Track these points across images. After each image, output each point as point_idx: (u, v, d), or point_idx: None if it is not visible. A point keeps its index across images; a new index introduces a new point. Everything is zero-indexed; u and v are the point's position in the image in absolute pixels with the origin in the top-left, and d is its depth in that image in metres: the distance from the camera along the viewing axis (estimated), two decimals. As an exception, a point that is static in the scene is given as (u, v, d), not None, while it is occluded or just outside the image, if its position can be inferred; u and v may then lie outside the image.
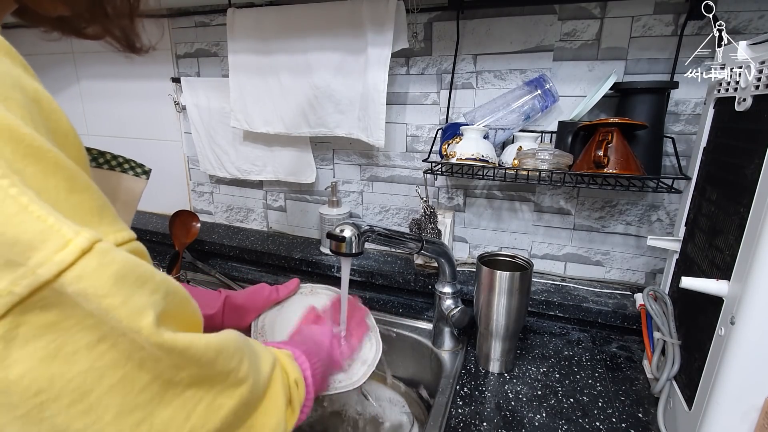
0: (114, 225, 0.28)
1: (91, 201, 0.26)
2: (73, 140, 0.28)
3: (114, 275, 0.24)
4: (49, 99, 0.27)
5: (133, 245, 0.28)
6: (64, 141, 0.27)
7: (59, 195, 0.24)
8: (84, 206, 0.26)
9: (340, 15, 0.91)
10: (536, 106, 0.85)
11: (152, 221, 1.32)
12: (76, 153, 0.28)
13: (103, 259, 0.24)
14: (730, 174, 0.54)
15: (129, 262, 0.26)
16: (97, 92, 1.34)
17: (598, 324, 0.86)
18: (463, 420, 0.64)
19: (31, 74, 0.27)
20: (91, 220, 0.26)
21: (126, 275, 0.25)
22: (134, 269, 0.26)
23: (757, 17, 0.73)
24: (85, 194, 0.26)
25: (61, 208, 0.24)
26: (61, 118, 0.27)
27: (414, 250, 0.75)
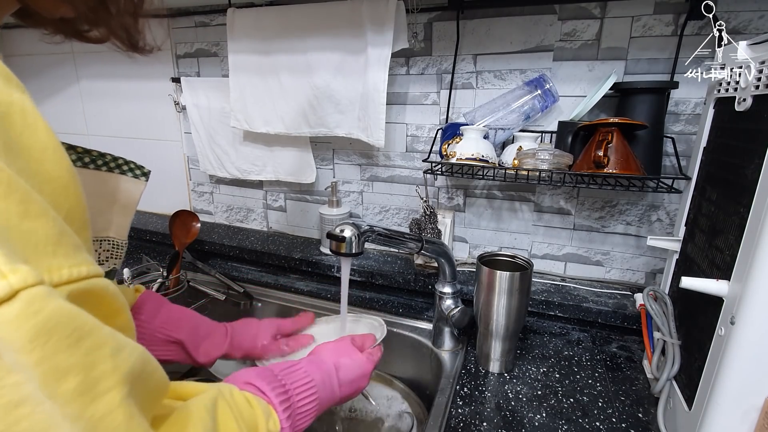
0: (71, 257, 0.24)
1: (47, 228, 0.23)
2: (53, 155, 0.26)
3: (34, 329, 0.21)
4: (25, 112, 0.25)
5: (87, 284, 0.25)
6: (40, 157, 0.25)
7: (10, 220, 0.22)
8: (37, 234, 0.23)
9: (340, 15, 0.91)
10: (536, 106, 0.85)
11: (152, 221, 1.32)
12: (57, 169, 0.26)
13: (27, 308, 0.20)
14: (730, 174, 0.54)
15: (61, 313, 0.22)
16: (97, 92, 1.34)
17: (598, 324, 0.86)
18: (463, 420, 0.64)
19: (14, 85, 0.25)
20: (43, 250, 0.23)
21: (51, 330, 0.21)
22: (67, 323, 0.22)
23: (757, 17, 0.73)
24: (40, 221, 0.23)
25: (10, 236, 0.21)
26: (37, 132, 0.25)
27: (414, 250, 0.75)
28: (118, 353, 0.25)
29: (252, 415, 0.38)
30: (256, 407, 0.39)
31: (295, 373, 0.48)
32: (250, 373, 0.44)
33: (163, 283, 0.98)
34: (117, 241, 0.45)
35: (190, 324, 0.62)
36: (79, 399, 0.22)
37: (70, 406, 0.22)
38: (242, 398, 0.39)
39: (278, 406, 0.42)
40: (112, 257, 0.45)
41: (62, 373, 0.22)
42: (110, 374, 0.24)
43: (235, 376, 0.44)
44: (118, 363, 0.24)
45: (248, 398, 0.40)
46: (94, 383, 0.23)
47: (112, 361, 0.24)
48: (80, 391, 0.22)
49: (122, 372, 0.24)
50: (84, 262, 0.25)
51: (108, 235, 0.45)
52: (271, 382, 0.43)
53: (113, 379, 0.24)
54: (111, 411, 0.23)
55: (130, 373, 0.25)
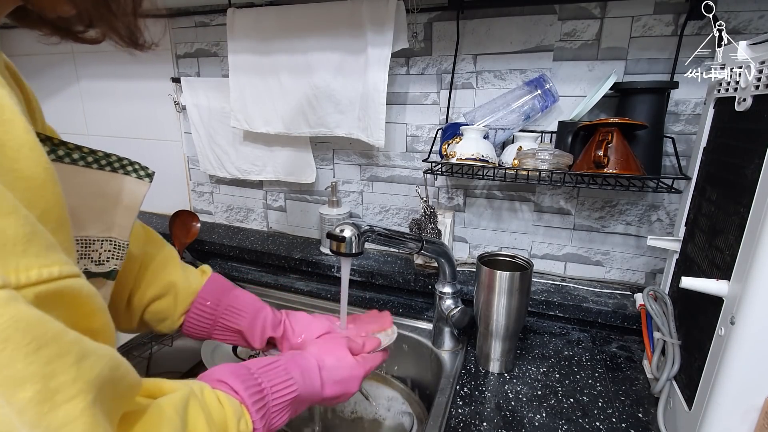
0: (42, 257, 0.24)
1: (18, 227, 0.23)
2: (29, 153, 0.25)
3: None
4: (2, 108, 0.24)
5: (60, 284, 0.24)
6: (15, 155, 0.25)
7: None
8: (6, 233, 0.22)
9: (340, 15, 0.91)
10: (536, 106, 0.85)
11: (152, 221, 1.32)
12: (32, 167, 0.25)
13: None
14: (730, 174, 0.54)
15: (21, 320, 0.21)
16: (97, 92, 1.34)
17: (598, 324, 0.86)
18: (463, 420, 0.64)
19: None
20: (12, 249, 0.22)
21: (7, 338, 0.20)
22: (27, 330, 0.21)
23: (757, 17, 0.73)
24: (9, 219, 0.22)
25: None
26: (13, 129, 0.25)
27: (414, 250, 0.75)
28: (82, 361, 0.24)
29: (222, 415, 0.38)
30: (227, 407, 0.39)
31: (274, 371, 0.47)
32: (225, 370, 0.43)
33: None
34: (119, 242, 0.45)
35: (251, 313, 0.62)
36: (36, 408, 0.21)
37: (27, 414, 0.21)
38: (213, 397, 0.39)
39: (251, 406, 0.41)
40: (114, 257, 0.45)
41: (19, 382, 0.21)
42: (72, 383, 0.23)
43: (209, 373, 0.44)
44: (82, 371, 0.24)
45: (219, 397, 0.39)
46: (53, 392, 0.22)
47: (75, 369, 0.23)
48: (38, 400, 0.21)
49: (86, 380, 0.24)
50: (56, 262, 0.25)
51: (110, 235, 0.44)
52: (245, 380, 0.43)
53: (75, 387, 0.23)
54: (72, 420, 0.23)
55: (95, 380, 0.25)
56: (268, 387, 0.44)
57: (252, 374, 0.44)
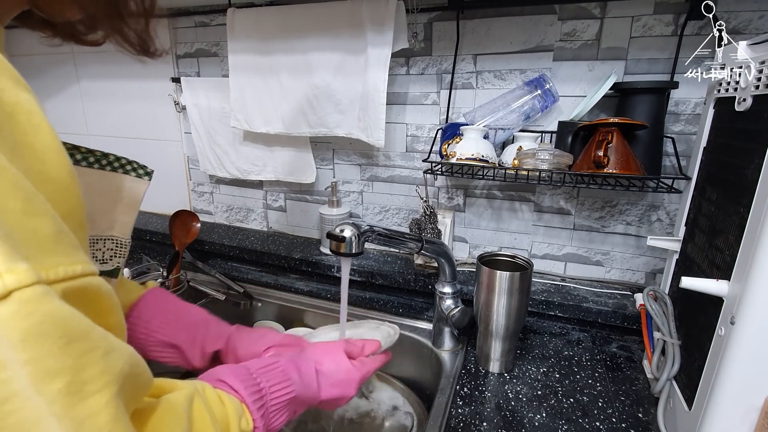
0: (70, 255, 0.25)
1: (49, 226, 0.24)
2: (55, 156, 0.26)
3: (26, 330, 0.21)
4: (30, 113, 0.25)
5: (82, 282, 0.25)
6: (42, 157, 0.26)
7: (15, 218, 0.22)
8: (40, 232, 0.24)
9: (340, 15, 0.91)
10: (536, 106, 0.85)
11: (152, 221, 1.32)
12: (57, 170, 0.27)
13: (21, 309, 0.21)
14: (730, 174, 0.54)
15: (54, 316, 0.22)
16: (97, 92, 1.34)
17: (598, 324, 0.86)
18: (463, 420, 0.64)
19: (22, 86, 0.25)
20: (44, 248, 0.24)
21: (43, 332, 0.22)
22: (60, 325, 0.22)
23: (757, 17, 0.73)
24: (43, 218, 0.24)
25: (14, 233, 0.22)
26: (41, 133, 0.26)
27: (414, 250, 0.75)
28: (108, 355, 0.25)
29: (224, 413, 0.38)
30: (228, 406, 0.39)
31: (272, 372, 0.47)
32: (225, 370, 0.44)
33: (163, 283, 0.98)
34: (120, 240, 0.46)
35: (189, 325, 0.59)
36: (65, 399, 0.22)
37: (56, 405, 0.22)
38: (214, 396, 0.39)
39: (251, 405, 0.42)
40: (116, 256, 0.45)
41: (51, 374, 0.22)
42: (99, 376, 0.24)
43: (210, 373, 0.44)
44: (108, 365, 0.25)
45: (221, 396, 0.40)
46: (82, 385, 0.23)
47: (102, 363, 0.24)
48: (67, 392, 0.22)
49: (112, 374, 0.25)
50: (79, 261, 0.26)
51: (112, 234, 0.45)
52: (245, 380, 0.43)
53: (102, 381, 0.24)
54: (97, 412, 0.24)
55: (119, 374, 0.25)
56: (266, 387, 0.45)
57: (251, 374, 0.45)
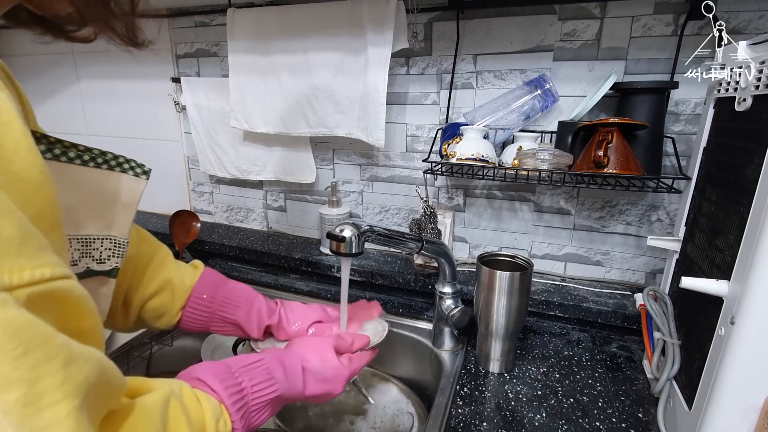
0: (34, 259, 0.24)
1: (11, 228, 0.23)
2: (25, 155, 0.26)
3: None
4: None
5: (51, 285, 0.25)
6: (11, 157, 0.25)
7: None
8: (3, 234, 0.23)
9: (340, 15, 0.91)
10: (536, 106, 0.85)
11: (152, 221, 1.32)
12: (28, 169, 0.26)
13: None
14: (730, 174, 0.54)
15: (9, 325, 0.22)
16: (97, 92, 1.34)
17: (598, 324, 0.86)
18: (463, 420, 0.64)
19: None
20: (6, 250, 0.23)
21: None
22: (14, 335, 0.22)
23: (757, 17, 0.73)
24: (5, 220, 0.23)
25: None
26: (10, 132, 0.25)
27: (414, 250, 0.75)
28: (69, 365, 0.24)
29: (200, 415, 0.38)
30: (205, 407, 0.38)
31: (255, 370, 0.47)
32: (204, 369, 0.43)
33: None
34: (119, 240, 0.45)
35: (246, 304, 0.64)
36: (21, 410, 0.22)
37: (12, 416, 0.21)
38: (191, 397, 0.38)
39: (230, 406, 0.41)
40: (114, 256, 0.45)
41: (5, 384, 0.21)
42: (58, 387, 0.23)
43: (188, 371, 0.43)
44: (69, 375, 0.24)
45: (198, 397, 0.39)
46: (39, 396, 0.22)
47: (61, 373, 0.24)
48: (23, 403, 0.22)
49: (73, 384, 0.24)
50: (48, 264, 0.25)
51: (110, 233, 0.45)
52: (224, 380, 0.42)
53: (61, 391, 0.23)
54: (56, 423, 0.23)
55: (82, 384, 0.25)
56: (248, 386, 0.44)
57: (232, 373, 0.44)
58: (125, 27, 0.36)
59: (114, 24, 0.35)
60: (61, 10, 0.35)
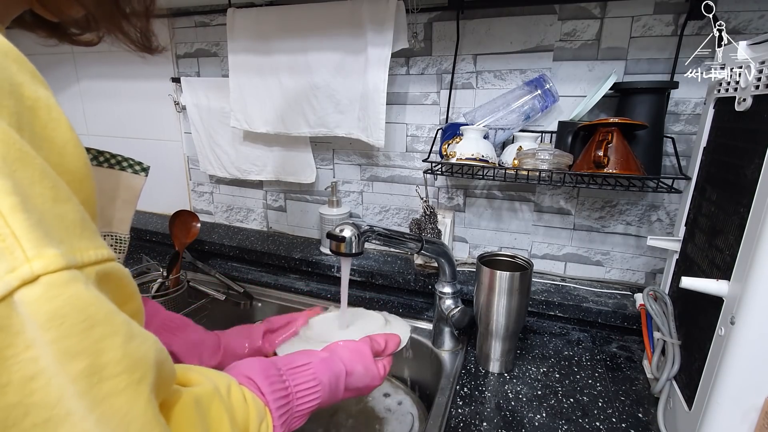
0: (94, 240, 0.26)
1: (75, 212, 0.25)
2: (73, 149, 0.28)
3: (50, 312, 0.22)
4: (49, 108, 0.26)
5: (108, 266, 0.26)
6: (61, 150, 0.27)
7: (45, 203, 0.24)
8: (68, 217, 0.25)
9: (340, 15, 0.91)
10: (536, 106, 0.85)
11: (152, 221, 1.32)
12: (75, 162, 0.28)
13: (46, 292, 0.22)
14: (730, 174, 0.54)
15: (77, 300, 0.23)
16: (97, 92, 1.34)
17: (598, 324, 0.86)
18: (463, 420, 0.64)
19: (39, 82, 0.27)
20: (73, 232, 0.25)
21: (65, 315, 0.23)
22: (82, 309, 0.23)
23: (757, 17, 0.73)
24: (69, 204, 0.25)
25: (45, 218, 0.23)
26: (59, 126, 0.27)
27: (414, 250, 0.75)
28: (129, 342, 0.26)
29: (245, 416, 0.38)
30: (251, 407, 0.39)
31: (302, 374, 0.47)
32: (254, 367, 0.43)
33: (163, 284, 0.98)
34: (120, 236, 0.46)
35: (184, 334, 0.60)
36: (86, 379, 0.23)
37: (78, 384, 0.23)
38: (239, 395, 0.39)
39: (274, 411, 0.41)
40: (116, 251, 0.46)
41: (72, 355, 0.23)
42: (119, 361, 0.25)
43: (239, 367, 0.44)
44: (128, 351, 0.25)
45: (245, 396, 0.39)
46: (101, 368, 0.24)
47: (122, 349, 0.25)
48: (87, 373, 0.23)
49: (132, 359, 0.26)
50: (103, 246, 0.27)
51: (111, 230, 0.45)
52: (273, 383, 0.43)
53: (121, 366, 0.25)
54: (116, 393, 0.24)
55: (140, 361, 0.26)
56: (293, 392, 0.44)
57: (280, 376, 0.44)
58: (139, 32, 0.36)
59: (127, 28, 0.35)
60: (73, 14, 0.35)
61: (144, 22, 0.36)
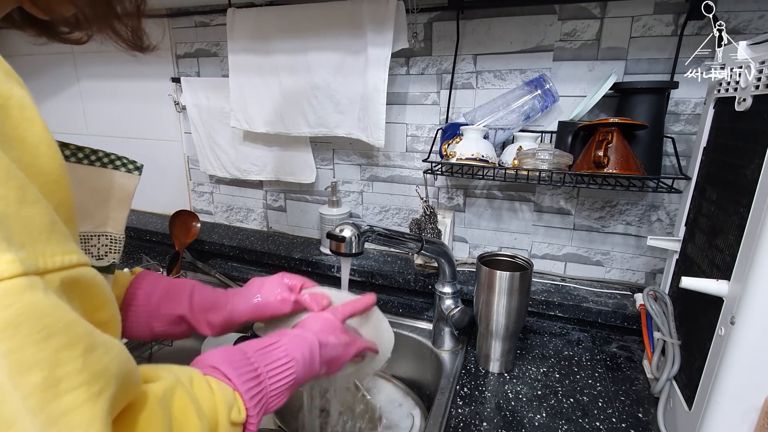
0: (62, 245, 0.25)
1: (43, 215, 0.24)
2: (47, 150, 0.27)
3: (5, 319, 0.21)
4: (23, 107, 0.26)
5: (76, 272, 0.26)
6: (34, 151, 0.26)
7: (8, 206, 0.23)
8: (35, 220, 0.24)
9: (340, 15, 0.91)
10: (536, 106, 0.85)
11: (152, 221, 1.32)
12: (49, 163, 0.27)
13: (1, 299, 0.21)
14: (730, 174, 0.54)
15: (34, 308, 0.22)
16: (97, 92, 1.34)
17: (598, 324, 0.86)
18: (463, 420, 0.64)
19: (14, 80, 0.26)
20: (38, 236, 0.24)
21: (19, 324, 0.22)
22: (39, 318, 0.22)
23: (757, 17, 0.73)
24: (37, 207, 0.24)
25: (8, 221, 0.22)
26: (33, 126, 0.26)
27: (414, 250, 0.75)
28: (90, 353, 0.25)
29: (212, 404, 0.37)
30: (217, 395, 0.37)
31: (273, 353, 0.45)
32: (218, 356, 0.42)
33: (163, 283, 0.98)
34: (114, 236, 0.45)
35: (189, 296, 0.60)
36: (41, 394, 0.22)
37: (32, 400, 0.22)
38: (203, 385, 0.37)
39: (245, 393, 0.40)
40: (111, 252, 0.45)
41: (27, 367, 0.22)
42: (77, 373, 0.24)
43: (202, 358, 0.43)
44: (89, 362, 0.24)
45: (210, 384, 0.38)
46: (58, 381, 0.23)
47: (81, 360, 0.24)
48: (43, 387, 0.22)
49: (92, 372, 0.24)
50: (73, 251, 0.26)
51: (105, 230, 0.45)
52: (239, 367, 0.41)
53: (80, 378, 0.24)
54: (73, 409, 0.23)
55: (101, 372, 0.25)
56: (264, 372, 0.43)
57: (248, 359, 0.43)
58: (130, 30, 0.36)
59: (118, 27, 0.35)
60: (64, 12, 0.35)
61: (135, 21, 0.36)
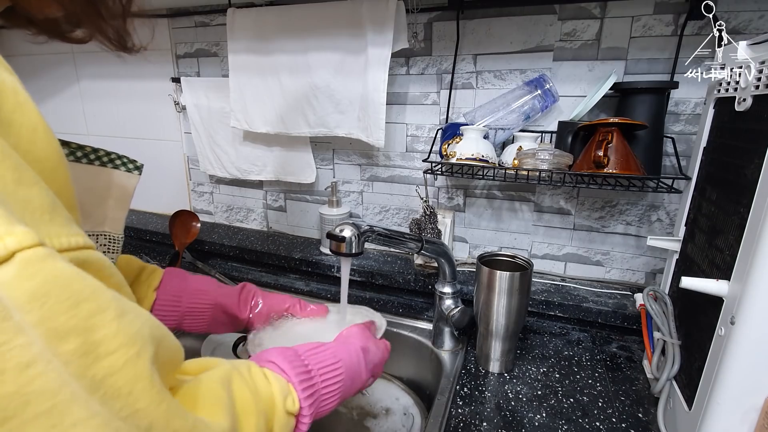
0: (66, 227, 0.25)
1: (41, 197, 0.24)
2: (43, 136, 0.26)
3: (32, 290, 0.21)
4: (16, 92, 0.25)
5: (84, 254, 0.25)
6: (31, 136, 0.25)
7: (6, 186, 0.22)
8: (33, 202, 0.23)
9: (339, 15, 0.91)
10: (536, 106, 0.85)
11: (152, 221, 1.32)
12: (46, 149, 0.26)
13: (23, 270, 0.21)
14: (730, 174, 0.54)
15: (59, 276, 0.22)
16: (96, 92, 1.34)
17: (598, 324, 0.86)
18: (463, 420, 0.64)
19: (4, 68, 0.25)
20: (40, 218, 0.23)
21: (49, 292, 0.21)
22: (66, 285, 0.22)
23: (757, 17, 0.73)
24: (35, 189, 0.24)
25: (8, 200, 0.22)
26: (28, 112, 0.26)
27: (414, 250, 0.75)
28: (121, 317, 0.25)
29: (269, 391, 0.38)
30: (273, 384, 0.39)
31: (321, 354, 0.47)
32: (273, 352, 0.44)
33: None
34: (113, 236, 0.45)
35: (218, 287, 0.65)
36: (80, 360, 0.22)
37: (72, 366, 0.22)
38: (260, 374, 0.39)
39: (298, 385, 0.42)
40: (109, 251, 0.45)
41: (62, 335, 0.22)
42: (113, 336, 0.24)
43: (259, 355, 0.45)
44: (122, 326, 0.24)
45: (266, 374, 0.40)
46: (95, 345, 0.23)
47: (116, 324, 0.24)
48: (81, 353, 0.22)
49: (127, 334, 0.25)
50: (78, 233, 0.25)
51: (104, 229, 0.45)
52: (292, 361, 0.43)
53: (117, 341, 0.24)
54: (116, 371, 0.23)
55: (136, 335, 0.25)
56: (315, 369, 0.45)
57: (299, 356, 0.45)
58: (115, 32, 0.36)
59: (104, 28, 0.35)
60: (52, 13, 0.35)
61: (120, 21, 0.36)
